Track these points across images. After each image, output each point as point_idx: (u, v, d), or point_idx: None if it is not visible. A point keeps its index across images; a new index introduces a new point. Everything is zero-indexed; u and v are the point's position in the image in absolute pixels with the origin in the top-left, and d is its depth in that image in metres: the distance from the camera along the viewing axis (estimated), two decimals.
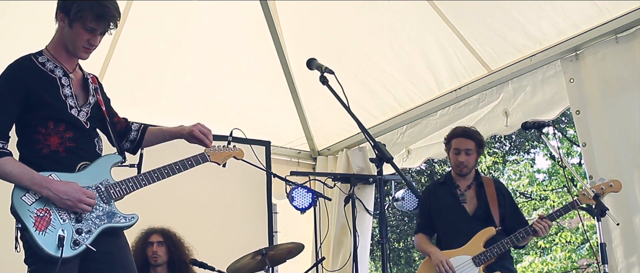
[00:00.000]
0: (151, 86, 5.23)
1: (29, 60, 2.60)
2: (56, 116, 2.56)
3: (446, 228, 4.04)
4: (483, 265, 3.79)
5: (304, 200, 4.70)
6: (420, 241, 4.11)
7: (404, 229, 19.07)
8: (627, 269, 3.97)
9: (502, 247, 3.80)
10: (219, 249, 4.66)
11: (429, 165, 18.39)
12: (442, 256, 3.85)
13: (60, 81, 2.61)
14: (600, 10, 4.16)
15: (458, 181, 4.12)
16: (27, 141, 2.56)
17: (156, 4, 4.69)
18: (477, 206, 4.01)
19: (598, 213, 3.53)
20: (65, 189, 2.46)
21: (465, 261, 3.79)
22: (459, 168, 4.08)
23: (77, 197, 2.46)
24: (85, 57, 2.67)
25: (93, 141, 2.69)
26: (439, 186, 4.23)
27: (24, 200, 2.43)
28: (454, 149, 4.11)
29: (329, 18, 5.12)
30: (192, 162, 2.86)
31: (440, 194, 4.13)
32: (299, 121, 6.03)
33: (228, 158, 3.06)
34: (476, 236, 3.87)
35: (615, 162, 4.07)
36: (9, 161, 2.47)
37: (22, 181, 2.44)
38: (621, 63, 4.11)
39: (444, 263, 3.79)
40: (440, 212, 4.08)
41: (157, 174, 2.73)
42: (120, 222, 2.60)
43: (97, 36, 2.60)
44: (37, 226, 2.39)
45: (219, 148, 3.03)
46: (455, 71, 5.03)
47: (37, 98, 2.53)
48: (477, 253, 3.80)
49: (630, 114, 4.04)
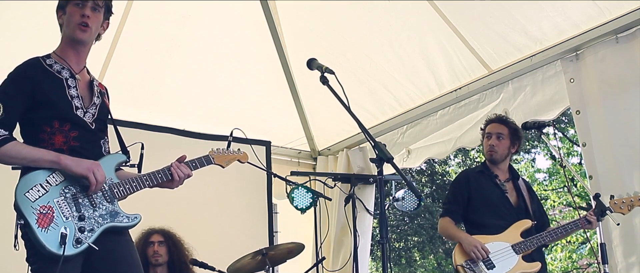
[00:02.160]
0: (151, 86, 5.23)
1: (37, 61, 2.66)
2: (62, 115, 2.59)
3: (490, 216, 3.95)
4: (522, 253, 3.77)
5: (304, 200, 4.70)
6: (447, 225, 4.01)
7: (404, 229, 19.07)
8: (626, 269, 3.97)
9: (543, 239, 3.78)
10: (219, 249, 4.66)
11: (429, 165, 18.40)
12: (475, 241, 3.78)
13: (67, 82, 2.64)
14: (600, 10, 4.17)
15: (495, 171, 4.06)
16: (32, 140, 2.58)
17: (156, 4, 4.69)
18: (517, 198, 4.00)
19: (598, 213, 3.53)
20: (76, 160, 2.51)
21: (504, 248, 3.76)
22: (489, 153, 4.03)
23: (90, 166, 2.50)
24: (83, 36, 2.67)
25: (99, 142, 2.71)
26: (477, 174, 4.12)
27: (28, 196, 2.43)
28: (486, 134, 4.08)
29: (329, 18, 5.12)
30: (196, 164, 2.85)
31: (483, 182, 4.05)
32: (299, 121, 6.03)
33: (232, 161, 3.06)
34: (514, 225, 3.85)
35: (615, 162, 4.07)
36: (17, 144, 2.51)
37: (35, 159, 2.48)
38: (621, 63, 4.12)
39: (479, 248, 3.73)
40: (485, 199, 3.99)
41: (160, 175, 2.72)
42: (123, 222, 2.60)
43: (87, 7, 2.64)
44: (39, 223, 2.39)
45: (223, 150, 3.03)
46: (455, 71, 5.03)
47: (43, 97, 2.56)
48: (516, 242, 3.78)
49: (630, 114, 4.04)
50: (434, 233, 18.64)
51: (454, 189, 4.17)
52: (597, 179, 4.14)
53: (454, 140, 5.28)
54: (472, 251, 3.75)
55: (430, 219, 18.61)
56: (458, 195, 4.10)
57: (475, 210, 4.00)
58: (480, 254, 3.72)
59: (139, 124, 4.84)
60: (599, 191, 3.96)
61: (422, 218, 18.65)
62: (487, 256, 3.73)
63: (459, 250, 3.83)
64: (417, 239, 18.98)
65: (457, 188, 4.14)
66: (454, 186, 4.21)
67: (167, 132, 5.18)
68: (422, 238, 18.80)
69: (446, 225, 4.03)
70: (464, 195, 4.05)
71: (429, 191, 18.99)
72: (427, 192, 18.84)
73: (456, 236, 3.92)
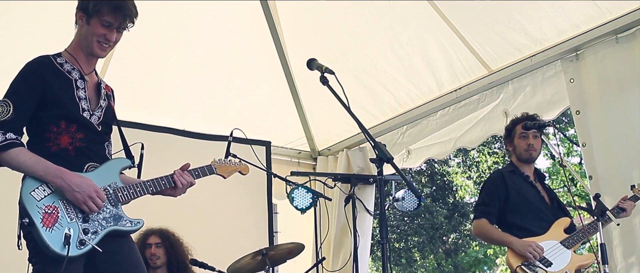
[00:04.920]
0: (151, 85, 5.23)
1: (48, 59, 2.65)
2: (69, 116, 2.58)
3: (529, 215, 3.89)
4: (573, 248, 3.75)
5: (304, 200, 4.69)
6: (488, 229, 3.89)
7: (404, 229, 19.08)
8: (626, 269, 3.98)
9: (588, 232, 3.72)
10: (219, 249, 4.66)
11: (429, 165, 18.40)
12: (528, 241, 3.72)
13: (76, 83, 2.64)
14: (600, 10, 4.17)
15: (526, 172, 4.00)
16: (38, 139, 2.57)
17: (156, 4, 4.68)
18: (549, 198, 3.98)
19: (598, 213, 3.53)
20: (79, 182, 2.46)
21: (554, 245, 3.74)
22: (529, 152, 3.95)
23: (88, 193, 2.45)
24: (101, 54, 2.70)
25: (103, 144, 2.72)
26: (510, 174, 4.01)
27: (33, 195, 2.42)
28: (520, 134, 3.98)
29: (329, 18, 5.12)
30: (199, 173, 2.86)
31: (518, 181, 3.97)
32: (299, 121, 6.03)
33: (233, 172, 3.08)
34: (555, 224, 3.83)
35: (615, 162, 4.07)
36: (23, 151, 2.48)
37: (36, 171, 2.44)
38: (621, 63, 4.12)
39: (534, 247, 3.68)
40: (524, 199, 3.91)
41: (164, 182, 2.72)
42: (126, 226, 2.60)
43: (113, 31, 2.65)
44: (44, 222, 2.38)
45: (225, 161, 3.05)
46: (455, 71, 5.03)
47: (52, 96, 2.56)
48: (563, 238, 3.76)
49: (630, 114, 4.04)
50: (434, 233, 18.66)
51: (490, 189, 4.02)
52: (597, 179, 4.15)
53: (454, 140, 5.28)
54: (527, 251, 3.68)
55: (430, 219, 18.62)
56: (495, 195, 3.95)
57: (515, 211, 3.90)
58: (536, 253, 3.67)
59: (139, 124, 4.83)
60: (599, 191, 3.96)
61: (422, 218, 18.66)
62: (542, 255, 3.69)
63: (512, 254, 3.76)
64: (417, 239, 18.99)
65: (494, 188, 3.99)
66: (489, 186, 4.06)
67: (167, 132, 5.18)
68: (422, 238, 18.82)
69: (487, 228, 3.90)
70: (500, 195, 3.93)
71: (429, 191, 19.01)
72: (427, 192, 18.86)
73: (504, 240, 3.83)
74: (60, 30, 2.79)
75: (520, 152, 3.99)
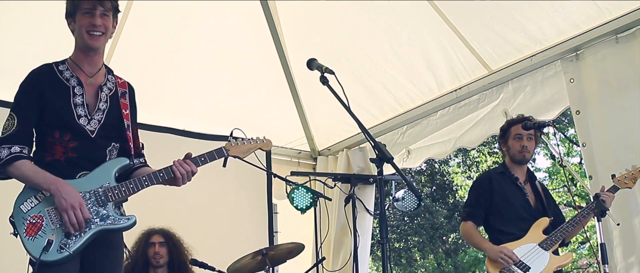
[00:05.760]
0: (151, 86, 5.21)
1: (49, 67, 2.68)
2: (62, 125, 2.60)
3: (511, 218, 3.92)
4: (551, 249, 3.77)
5: (304, 200, 4.70)
6: (471, 232, 3.95)
7: (404, 229, 19.09)
8: (626, 269, 3.98)
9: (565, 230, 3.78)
10: (219, 249, 4.66)
11: (429, 165, 18.41)
12: (499, 248, 3.77)
13: (73, 90, 2.66)
14: (600, 10, 4.17)
15: (516, 173, 4.03)
16: (38, 149, 2.63)
17: (156, 4, 4.69)
18: (535, 199, 3.99)
19: (598, 213, 3.53)
20: (69, 190, 2.50)
21: (532, 248, 3.76)
22: (522, 154, 3.97)
23: (71, 202, 2.48)
24: (94, 44, 2.68)
25: (104, 150, 2.70)
26: (498, 175, 4.06)
27: (22, 208, 2.50)
28: (515, 135, 3.99)
29: (329, 18, 5.12)
30: (205, 158, 2.78)
31: (504, 183, 4.01)
32: (299, 121, 6.03)
33: (252, 150, 2.97)
34: (534, 226, 3.84)
35: (615, 162, 4.07)
36: (25, 164, 2.53)
37: (35, 181, 2.51)
38: (621, 63, 4.12)
39: (505, 253, 3.72)
40: (507, 201, 3.95)
41: (162, 174, 2.70)
42: (116, 224, 2.59)
43: (97, 15, 2.64)
44: (28, 232, 2.46)
45: (241, 140, 2.94)
46: (455, 71, 5.03)
47: (48, 105, 2.60)
48: (541, 240, 3.78)
49: (630, 114, 4.04)
50: (434, 233, 18.67)
51: (477, 191, 4.10)
52: (597, 179, 4.15)
53: (454, 140, 5.28)
54: (499, 258, 3.73)
55: (430, 219, 18.63)
56: (481, 197, 4.02)
57: (497, 213, 3.95)
58: (507, 259, 3.71)
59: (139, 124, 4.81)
60: (598, 191, 3.95)
61: (422, 218, 18.68)
62: (518, 260, 3.72)
63: (489, 260, 3.82)
64: (417, 239, 19.00)
65: (480, 190, 4.07)
66: (476, 188, 4.14)
67: (168, 132, 5.19)
68: (422, 238, 18.83)
69: (470, 232, 3.96)
70: (486, 197, 3.98)
71: (429, 191, 19.02)
72: (427, 192, 18.87)
73: (481, 246, 3.90)
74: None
75: (513, 153, 4.02)
